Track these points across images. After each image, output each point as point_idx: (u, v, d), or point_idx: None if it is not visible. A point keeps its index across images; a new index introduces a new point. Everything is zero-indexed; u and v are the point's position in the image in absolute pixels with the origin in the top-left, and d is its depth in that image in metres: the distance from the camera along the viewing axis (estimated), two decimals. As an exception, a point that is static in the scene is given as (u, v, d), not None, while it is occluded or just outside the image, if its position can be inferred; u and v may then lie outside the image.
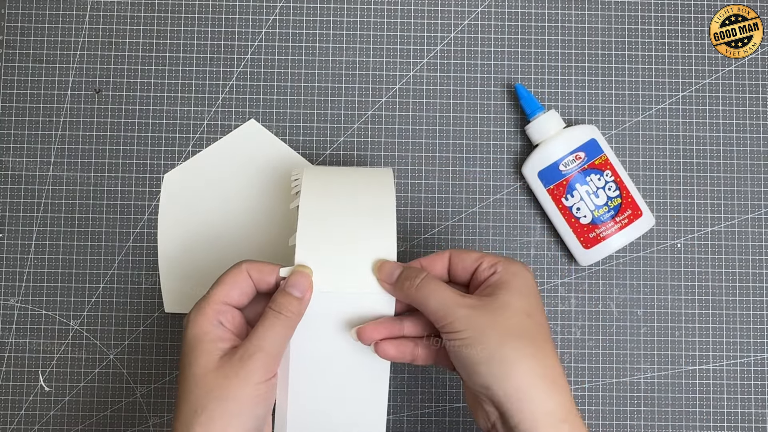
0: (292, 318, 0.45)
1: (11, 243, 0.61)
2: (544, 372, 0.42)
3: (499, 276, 0.45)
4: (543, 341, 0.44)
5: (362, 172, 0.52)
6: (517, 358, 0.42)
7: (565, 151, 0.58)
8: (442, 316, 0.44)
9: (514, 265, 0.46)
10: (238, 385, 0.43)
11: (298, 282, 0.45)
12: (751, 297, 0.60)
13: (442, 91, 0.62)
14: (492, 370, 0.42)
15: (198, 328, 0.45)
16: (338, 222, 0.47)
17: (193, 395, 0.43)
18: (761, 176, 0.61)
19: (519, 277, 0.45)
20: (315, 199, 0.48)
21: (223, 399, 0.42)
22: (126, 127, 0.62)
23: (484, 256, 0.47)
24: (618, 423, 0.59)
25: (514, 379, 0.42)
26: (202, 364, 0.44)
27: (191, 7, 0.62)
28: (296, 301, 0.45)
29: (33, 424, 0.60)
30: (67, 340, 0.60)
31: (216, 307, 0.45)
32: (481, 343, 0.42)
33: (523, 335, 0.43)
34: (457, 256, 0.48)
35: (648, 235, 0.61)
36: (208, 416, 0.42)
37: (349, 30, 0.62)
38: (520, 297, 0.44)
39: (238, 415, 0.42)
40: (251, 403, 0.43)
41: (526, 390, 0.42)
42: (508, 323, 0.43)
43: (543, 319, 0.45)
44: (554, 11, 0.62)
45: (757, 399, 0.60)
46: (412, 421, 0.60)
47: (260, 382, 0.43)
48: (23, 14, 0.62)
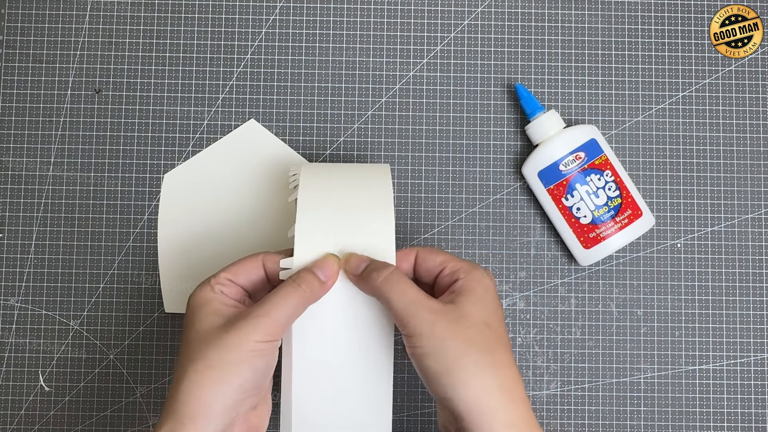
0: (309, 295, 0.44)
1: (11, 243, 0.61)
2: (503, 383, 0.42)
3: (461, 283, 0.45)
4: (502, 352, 0.43)
5: (360, 166, 0.52)
6: (476, 370, 0.42)
7: (565, 151, 0.58)
8: (405, 315, 0.43)
9: (476, 272, 0.46)
10: (238, 336, 0.42)
11: (326, 267, 0.45)
12: (751, 297, 0.60)
13: (442, 91, 0.62)
14: (451, 381, 0.42)
15: (202, 295, 0.45)
16: (336, 213, 0.47)
17: (191, 347, 0.43)
18: (761, 176, 0.61)
19: (480, 285, 0.45)
20: (313, 191, 0.48)
21: (220, 347, 0.42)
22: (126, 127, 0.62)
23: (448, 260, 0.47)
24: (618, 423, 0.59)
25: (473, 391, 0.42)
26: (206, 323, 0.44)
27: (191, 7, 0.62)
28: (318, 282, 0.45)
29: (33, 424, 0.60)
30: (67, 340, 0.60)
31: (219, 281, 0.46)
32: (441, 354, 0.42)
33: (482, 346, 0.43)
34: (422, 257, 0.48)
35: (648, 235, 0.61)
36: (204, 363, 0.42)
37: (349, 30, 0.62)
38: (480, 306, 0.44)
39: (235, 363, 0.42)
40: (250, 356, 0.42)
41: (485, 401, 0.42)
42: (468, 333, 0.43)
43: (502, 328, 0.45)
44: (554, 11, 0.62)
45: (757, 399, 0.60)
46: (412, 421, 0.60)
47: (261, 341, 0.43)
48: (23, 14, 0.62)
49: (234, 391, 0.42)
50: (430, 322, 0.43)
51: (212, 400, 0.42)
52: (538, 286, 0.60)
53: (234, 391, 0.42)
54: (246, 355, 0.42)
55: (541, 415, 0.60)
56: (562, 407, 0.60)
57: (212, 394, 0.42)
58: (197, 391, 0.42)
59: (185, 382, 0.42)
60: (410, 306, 0.44)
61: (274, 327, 0.43)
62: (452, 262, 0.47)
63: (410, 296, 0.44)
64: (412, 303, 0.44)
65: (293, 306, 0.44)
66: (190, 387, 0.42)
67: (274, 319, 0.43)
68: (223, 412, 0.42)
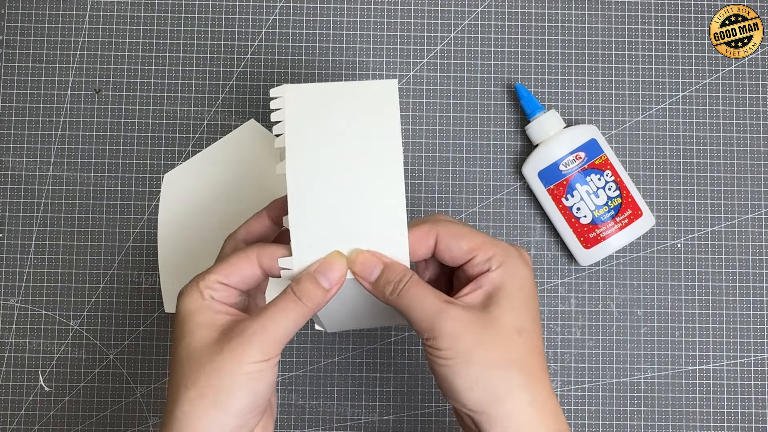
0: (309, 307, 0.40)
1: (11, 243, 0.61)
2: (534, 399, 0.39)
3: (493, 276, 0.41)
4: (534, 363, 0.40)
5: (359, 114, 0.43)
6: (505, 387, 0.39)
7: (565, 151, 0.58)
8: (427, 327, 0.40)
9: (511, 261, 0.41)
10: (231, 359, 0.39)
11: (330, 272, 0.41)
12: (751, 297, 0.60)
13: (442, 91, 0.62)
14: (477, 396, 0.39)
15: (191, 303, 0.41)
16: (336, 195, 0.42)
17: (183, 369, 0.40)
18: (761, 176, 0.61)
19: (515, 279, 0.41)
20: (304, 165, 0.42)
21: (213, 372, 0.39)
22: (126, 127, 0.62)
23: (477, 247, 0.41)
24: (618, 423, 0.59)
25: (500, 408, 0.39)
26: (198, 338, 0.40)
27: (191, 7, 0.62)
28: (321, 292, 0.40)
29: (33, 424, 0.60)
30: (67, 340, 0.60)
31: (210, 284, 0.41)
32: (466, 368, 0.39)
33: (512, 360, 0.39)
34: (444, 242, 0.42)
35: (648, 235, 0.61)
36: (198, 391, 0.39)
37: (349, 30, 0.62)
38: (512, 309, 0.40)
39: (231, 389, 0.39)
40: (247, 379, 0.39)
41: (513, 418, 0.39)
42: (497, 344, 0.39)
43: (536, 332, 0.41)
44: (554, 11, 0.62)
45: (757, 399, 0.60)
46: (412, 421, 0.60)
47: (258, 361, 0.39)
48: (23, 14, 0.62)
49: (232, 418, 0.39)
50: (454, 334, 0.39)
51: (208, 429, 0.39)
52: (538, 286, 0.60)
53: (232, 418, 0.39)
54: (242, 379, 0.39)
55: (541, 415, 0.60)
56: (562, 407, 0.60)
57: (208, 425, 0.39)
58: (193, 422, 0.39)
59: (179, 410, 0.39)
60: (431, 317, 0.39)
61: (272, 345, 0.39)
62: (483, 250, 0.41)
63: (430, 306, 0.40)
64: (433, 313, 0.39)
65: (292, 321, 0.40)
66: (185, 415, 0.39)
67: (269, 336, 0.39)
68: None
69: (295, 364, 0.60)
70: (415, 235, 0.42)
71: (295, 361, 0.60)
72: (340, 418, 0.60)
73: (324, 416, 0.60)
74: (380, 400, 0.60)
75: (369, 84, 0.43)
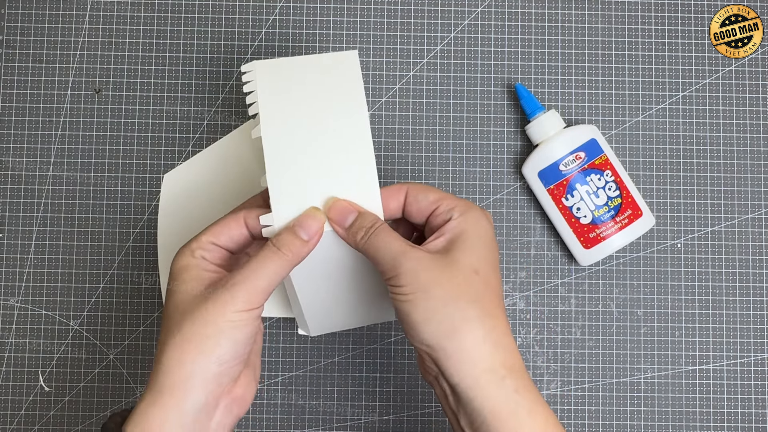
0: (289, 258, 0.43)
1: (11, 243, 0.61)
2: (486, 333, 0.41)
3: (454, 224, 0.44)
4: (489, 300, 0.42)
5: (325, 81, 0.46)
6: (459, 319, 0.41)
7: (565, 151, 0.58)
8: (389, 267, 0.42)
9: (472, 212, 0.44)
10: (215, 308, 0.41)
11: (307, 225, 0.43)
12: (751, 297, 0.60)
13: (442, 91, 0.62)
14: (433, 329, 0.41)
15: (182, 260, 0.44)
16: (310, 153, 0.44)
17: (171, 319, 0.43)
18: (761, 176, 0.61)
19: (474, 227, 0.44)
20: (279, 126, 0.45)
21: (198, 320, 0.41)
22: (126, 127, 0.62)
23: (442, 198, 0.45)
24: (618, 423, 0.59)
25: (455, 341, 0.41)
26: (184, 290, 0.43)
27: (191, 7, 0.62)
28: (300, 243, 0.43)
29: (33, 424, 0.60)
30: (67, 340, 0.60)
31: (200, 245, 0.44)
32: (424, 302, 0.41)
33: (467, 295, 0.42)
34: (413, 195, 0.45)
35: (648, 235, 0.61)
36: (182, 336, 0.41)
37: (349, 30, 0.62)
38: (470, 252, 0.43)
39: (213, 336, 0.41)
40: (228, 327, 0.41)
41: (466, 351, 0.41)
42: (454, 282, 0.42)
43: (493, 274, 0.43)
44: (554, 11, 0.62)
45: (757, 399, 0.60)
46: (412, 421, 0.60)
47: (240, 311, 0.42)
48: (23, 14, 0.62)
49: (212, 364, 0.41)
50: (414, 271, 0.42)
51: (191, 373, 0.41)
52: (538, 286, 0.60)
53: (212, 364, 0.41)
54: (224, 326, 0.41)
55: (541, 415, 0.60)
56: (562, 407, 0.60)
57: (190, 367, 0.41)
58: (175, 364, 0.41)
59: (165, 354, 0.42)
60: (395, 258, 0.42)
61: (254, 295, 0.42)
62: (447, 201, 0.45)
63: (395, 248, 0.42)
64: (396, 255, 0.42)
65: (273, 271, 0.43)
66: (169, 360, 0.41)
67: (253, 287, 0.42)
68: (203, 384, 0.41)
69: (295, 364, 0.60)
70: (389, 191, 0.46)
71: (295, 361, 0.60)
72: (340, 418, 0.60)
73: (324, 416, 0.60)
74: (380, 400, 0.60)
75: (332, 55, 0.47)
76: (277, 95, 0.46)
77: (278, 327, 0.60)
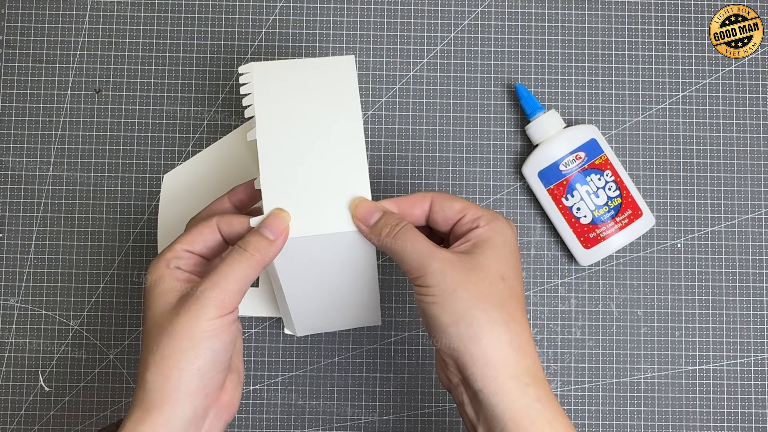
0: (257, 258, 0.43)
1: (11, 243, 0.61)
2: (512, 338, 0.41)
3: (480, 232, 0.44)
4: (514, 307, 0.43)
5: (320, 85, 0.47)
6: (486, 323, 0.41)
7: (565, 151, 0.58)
8: (416, 267, 0.43)
9: (498, 222, 0.45)
10: (188, 320, 0.41)
11: (272, 224, 0.43)
12: (751, 297, 0.60)
13: (442, 91, 0.62)
14: (459, 332, 0.41)
15: (156, 272, 0.44)
16: (304, 158, 0.45)
17: (149, 335, 0.43)
18: (761, 176, 0.61)
19: (500, 235, 0.44)
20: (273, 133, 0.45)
21: (173, 335, 0.41)
22: (126, 127, 0.62)
23: (468, 207, 0.45)
24: (618, 423, 0.59)
25: (481, 344, 0.41)
26: (159, 305, 0.43)
27: (191, 7, 0.62)
28: (266, 242, 0.43)
29: (33, 424, 0.60)
30: (67, 340, 0.60)
31: (176, 254, 0.44)
32: (451, 304, 0.41)
33: (494, 300, 0.42)
34: (439, 204, 0.46)
35: (648, 235, 0.61)
36: (161, 353, 0.41)
37: (349, 30, 0.62)
38: (497, 258, 0.43)
39: (191, 349, 0.41)
40: (205, 338, 0.41)
41: (492, 355, 0.41)
42: (481, 285, 0.42)
43: (517, 282, 0.44)
44: (554, 11, 0.62)
45: (757, 399, 0.60)
46: (412, 421, 0.60)
47: (213, 318, 0.41)
48: (23, 14, 0.62)
49: (194, 377, 0.41)
50: (441, 272, 0.42)
51: (175, 388, 0.41)
52: (538, 286, 0.60)
53: (194, 377, 0.41)
54: (200, 337, 0.41)
55: (541, 415, 0.60)
56: (561, 407, 0.60)
57: (173, 383, 0.41)
58: (160, 380, 0.41)
59: (148, 371, 0.42)
60: (422, 258, 0.42)
61: (225, 299, 0.42)
62: (473, 210, 0.45)
63: (421, 248, 0.43)
64: (423, 254, 0.42)
65: (242, 273, 0.42)
66: (153, 377, 0.41)
67: (222, 291, 0.42)
68: (189, 399, 0.41)
69: (295, 364, 0.60)
70: (413, 198, 0.46)
71: (295, 361, 0.60)
72: (340, 418, 0.60)
73: (324, 416, 0.60)
74: (380, 400, 0.60)
75: (328, 59, 0.48)
76: (273, 98, 0.46)
77: (278, 327, 0.60)
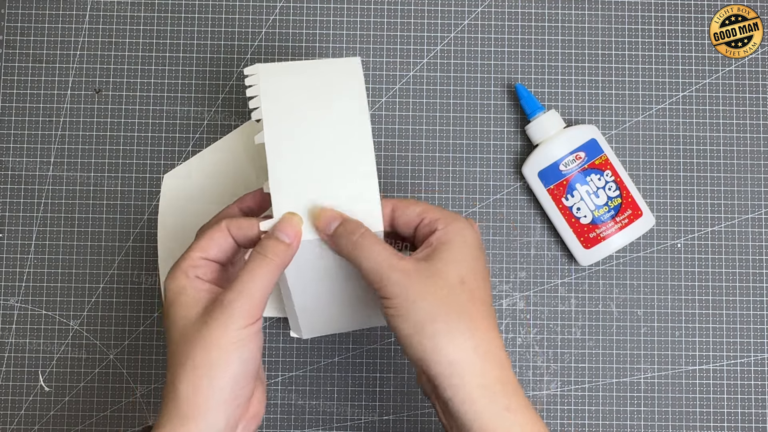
0: (276, 262, 0.43)
1: (11, 243, 0.61)
2: (476, 345, 0.41)
3: (439, 234, 0.44)
4: (477, 312, 0.42)
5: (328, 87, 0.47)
6: (446, 332, 0.41)
7: (565, 151, 0.58)
8: (376, 279, 0.42)
9: (457, 223, 0.44)
10: (218, 331, 0.41)
11: (286, 228, 0.44)
12: (751, 297, 0.60)
13: (442, 91, 0.62)
14: (422, 343, 0.41)
15: (176, 283, 0.44)
16: (312, 162, 0.45)
17: (177, 349, 0.42)
18: (761, 176, 0.61)
19: (459, 237, 0.44)
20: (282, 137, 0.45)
21: (204, 347, 0.41)
22: (126, 127, 0.62)
23: (426, 210, 0.45)
24: (618, 423, 0.59)
25: (446, 354, 0.41)
26: (183, 316, 0.43)
27: (191, 7, 0.62)
28: (283, 246, 0.43)
29: (33, 424, 0.60)
30: (67, 340, 0.60)
31: (193, 263, 0.44)
32: (413, 315, 0.41)
33: (453, 308, 0.41)
34: (399, 209, 0.46)
35: (648, 235, 0.61)
36: (192, 366, 0.41)
37: (349, 30, 0.62)
38: (456, 261, 0.43)
39: (221, 361, 0.41)
40: (234, 348, 0.41)
41: (457, 364, 0.41)
42: (440, 294, 0.42)
43: (479, 283, 0.43)
44: (554, 11, 0.62)
45: (757, 399, 0.60)
46: (412, 421, 0.60)
47: (241, 328, 0.42)
48: (23, 14, 0.62)
49: (227, 386, 0.42)
50: (401, 284, 0.42)
51: (208, 399, 0.41)
52: (538, 286, 0.60)
53: (227, 386, 0.42)
54: (229, 348, 0.41)
55: (542, 415, 0.60)
56: (562, 407, 0.60)
57: (207, 394, 0.41)
58: (192, 393, 0.41)
59: (181, 383, 0.42)
60: (381, 269, 0.42)
61: (251, 307, 0.42)
62: (431, 213, 0.45)
63: (380, 258, 0.42)
64: (382, 265, 0.42)
65: (264, 279, 0.43)
66: (186, 388, 0.41)
67: (248, 300, 0.42)
68: (223, 408, 0.42)
69: (295, 364, 0.60)
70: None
71: (295, 361, 0.60)
72: (340, 418, 0.60)
73: (324, 416, 0.60)
74: (380, 400, 0.60)
75: (335, 61, 0.48)
76: (280, 101, 0.46)
77: (278, 327, 0.60)
